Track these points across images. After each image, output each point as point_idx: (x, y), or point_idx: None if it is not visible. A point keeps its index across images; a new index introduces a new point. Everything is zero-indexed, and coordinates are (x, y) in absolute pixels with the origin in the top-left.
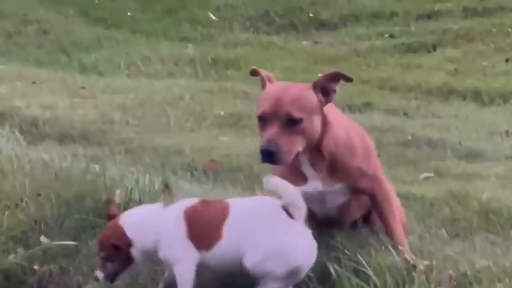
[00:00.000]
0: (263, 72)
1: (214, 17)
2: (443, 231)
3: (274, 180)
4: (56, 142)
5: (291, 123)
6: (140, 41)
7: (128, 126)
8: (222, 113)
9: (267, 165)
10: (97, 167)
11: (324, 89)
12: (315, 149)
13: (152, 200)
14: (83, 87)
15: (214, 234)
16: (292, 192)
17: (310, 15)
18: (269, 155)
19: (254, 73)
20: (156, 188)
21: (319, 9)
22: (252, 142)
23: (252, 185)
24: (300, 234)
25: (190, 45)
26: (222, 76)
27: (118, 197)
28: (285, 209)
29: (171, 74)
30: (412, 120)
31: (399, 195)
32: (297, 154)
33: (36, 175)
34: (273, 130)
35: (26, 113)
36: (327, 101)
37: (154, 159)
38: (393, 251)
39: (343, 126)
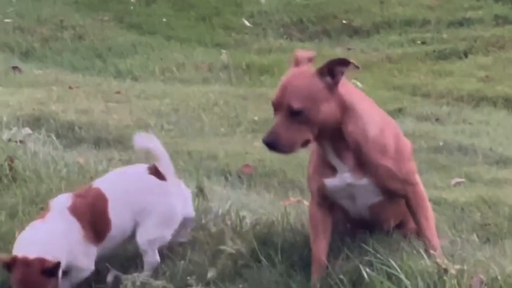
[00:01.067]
0: (299, 53)
1: (248, 24)
2: (474, 236)
3: (140, 138)
4: (92, 146)
5: (293, 114)
6: (174, 47)
7: (163, 131)
8: (255, 118)
9: (300, 171)
10: None
11: (332, 72)
12: (338, 136)
13: None
14: (118, 92)
15: (104, 225)
16: (157, 145)
17: (344, 22)
18: (270, 146)
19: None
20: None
21: (352, 17)
22: None
23: (285, 190)
24: (176, 192)
25: (224, 51)
26: (255, 82)
27: None
28: (151, 171)
29: (205, 80)
30: (444, 126)
31: (430, 200)
32: (320, 142)
33: (72, 179)
34: (277, 120)
35: (62, 118)
36: (335, 83)
37: (189, 163)
38: (424, 255)
39: (377, 121)
